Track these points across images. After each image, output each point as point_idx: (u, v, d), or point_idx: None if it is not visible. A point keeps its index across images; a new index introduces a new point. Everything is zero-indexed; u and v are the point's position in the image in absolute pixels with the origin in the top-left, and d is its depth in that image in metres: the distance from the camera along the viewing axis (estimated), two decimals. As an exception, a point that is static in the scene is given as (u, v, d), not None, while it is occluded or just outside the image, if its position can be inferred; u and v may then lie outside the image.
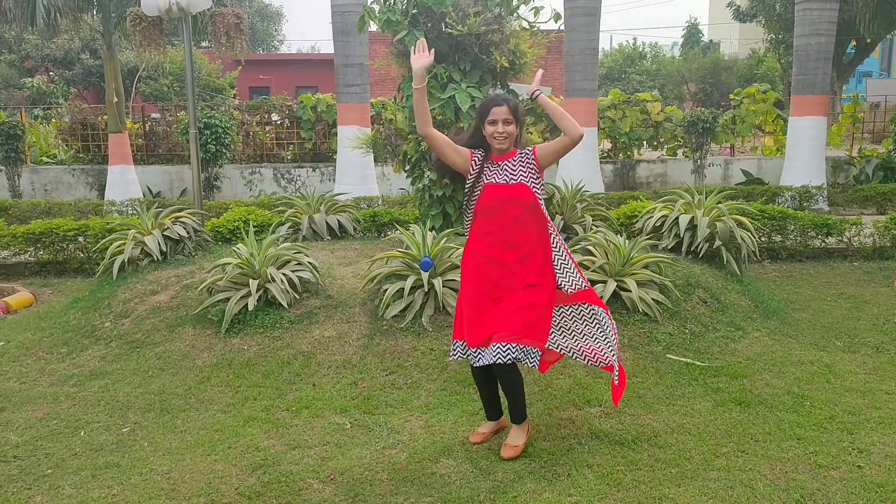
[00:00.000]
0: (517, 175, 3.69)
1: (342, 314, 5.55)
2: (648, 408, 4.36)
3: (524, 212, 3.69)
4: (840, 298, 6.98)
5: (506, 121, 3.64)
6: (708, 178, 14.75)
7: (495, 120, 3.64)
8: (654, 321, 5.37)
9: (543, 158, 3.71)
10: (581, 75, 10.92)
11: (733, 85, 25.30)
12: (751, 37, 32.33)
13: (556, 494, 3.44)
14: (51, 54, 27.42)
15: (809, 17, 11.87)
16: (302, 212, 7.83)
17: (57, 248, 8.58)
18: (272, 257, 5.84)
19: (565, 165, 10.99)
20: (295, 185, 15.09)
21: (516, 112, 3.67)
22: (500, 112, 3.64)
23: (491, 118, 3.65)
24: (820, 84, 12.04)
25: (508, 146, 3.71)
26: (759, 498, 3.38)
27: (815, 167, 12.06)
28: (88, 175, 15.23)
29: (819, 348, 5.46)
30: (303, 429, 4.21)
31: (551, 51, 10.73)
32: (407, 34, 6.34)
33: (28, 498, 3.56)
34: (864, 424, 4.11)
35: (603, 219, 7.25)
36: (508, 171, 3.71)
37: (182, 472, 3.75)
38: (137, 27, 11.71)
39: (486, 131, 3.69)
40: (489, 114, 3.66)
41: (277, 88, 28.66)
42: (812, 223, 8.54)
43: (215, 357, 5.26)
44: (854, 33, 18.37)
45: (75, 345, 5.80)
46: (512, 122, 3.66)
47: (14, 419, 4.50)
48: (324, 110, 15.67)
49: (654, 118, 15.61)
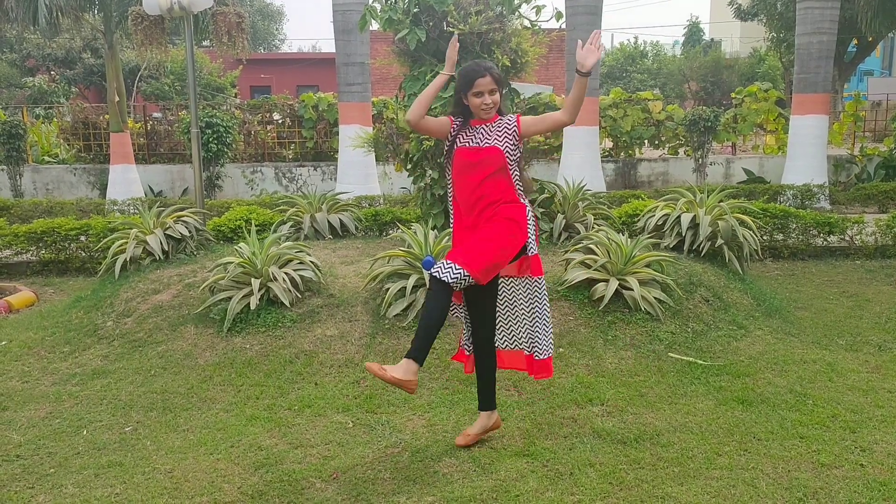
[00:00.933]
0: (492, 138, 3.63)
1: (344, 313, 5.55)
2: (651, 406, 4.36)
3: (492, 174, 3.61)
4: (842, 297, 6.98)
5: (491, 91, 3.60)
6: (709, 177, 14.74)
7: (481, 91, 3.59)
8: (656, 320, 5.37)
9: (527, 127, 3.65)
10: (582, 74, 10.90)
11: (734, 83, 25.31)
12: (752, 35, 32.29)
13: (559, 493, 3.44)
14: (52, 53, 27.44)
15: (811, 15, 11.86)
16: (304, 211, 7.83)
17: (59, 247, 8.58)
18: (274, 256, 5.84)
19: (567, 164, 11.00)
20: (296, 184, 15.09)
21: (499, 80, 3.64)
22: (484, 83, 3.58)
23: (476, 90, 3.59)
24: (821, 82, 12.03)
25: (493, 114, 3.69)
26: (762, 497, 3.38)
27: (816, 166, 12.05)
28: (90, 174, 15.23)
29: (821, 347, 5.46)
30: (305, 428, 4.21)
31: (553, 49, 10.69)
32: (408, 33, 6.34)
33: (31, 497, 3.56)
34: (867, 423, 4.11)
35: (605, 217, 7.25)
36: (482, 134, 3.66)
37: (185, 471, 3.75)
38: (139, 26, 11.73)
39: (470, 103, 3.64)
40: (473, 86, 3.59)
41: (279, 87, 28.65)
42: (814, 222, 8.53)
43: (217, 356, 5.26)
44: (855, 32, 18.36)
45: (77, 344, 5.80)
46: (496, 90, 3.62)
47: (16, 418, 4.50)
48: (325, 109, 15.66)
49: (656, 117, 15.60)
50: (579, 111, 3.63)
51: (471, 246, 3.58)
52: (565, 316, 5.38)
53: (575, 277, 5.54)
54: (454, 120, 3.75)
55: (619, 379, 4.75)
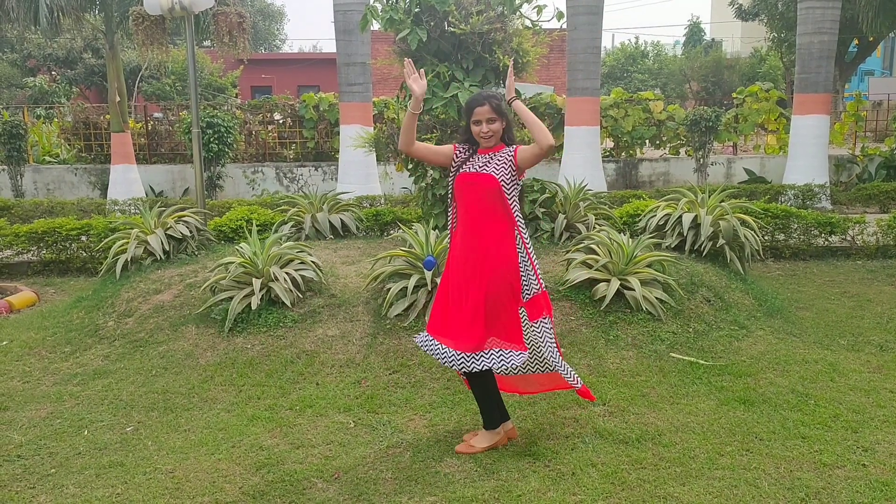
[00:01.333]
0: (490, 167, 3.73)
1: (345, 313, 5.54)
2: (652, 406, 4.35)
3: (485, 197, 3.70)
4: (844, 297, 6.97)
5: (489, 119, 3.71)
6: (710, 177, 14.73)
7: (479, 120, 3.72)
8: (657, 320, 5.37)
9: (522, 160, 3.74)
10: (583, 74, 10.90)
11: (735, 83, 25.28)
12: (753, 35, 32.30)
13: (561, 493, 3.44)
14: (53, 54, 27.44)
15: (812, 15, 11.85)
16: (305, 211, 7.83)
17: (60, 247, 8.58)
18: (275, 256, 5.84)
19: (568, 164, 10.99)
20: (297, 184, 15.09)
21: (499, 109, 3.73)
22: (482, 112, 3.71)
23: (475, 118, 3.73)
24: (822, 82, 12.02)
25: (495, 142, 3.78)
26: (764, 497, 3.37)
27: (817, 166, 12.04)
28: (91, 174, 15.23)
29: (823, 347, 5.45)
30: (306, 428, 4.21)
31: (554, 49, 10.70)
32: (409, 33, 6.33)
33: (32, 497, 3.56)
34: (869, 423, 4.10)
35: (606, 217, 7.24)
36: (483, 161, 3.77)
37: (186, 471, 3.75)
38: (140, 26, 11.71)
39: (472, 130, 3.77)
40: (473, 114, 3.74)
41: (279, 87, 28.65)
42: (815, 222, 8.52)
43: (219, 356, 5.26)
44: (856, 32, 18.35)
45: (79, 344, 5.80)
46: (496, 119, 3.72)
47: (17, 418, 4.50)
48: (326, 109, 15.66)
49: (657, 117, 15.59)
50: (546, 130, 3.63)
51: (477, 329, 3.68)
52: (566, 316, 5.37)
53: (576, 277, 5.54)
54: (457, 147, 3.87)
55: (621, 379, 4.74)
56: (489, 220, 3.71)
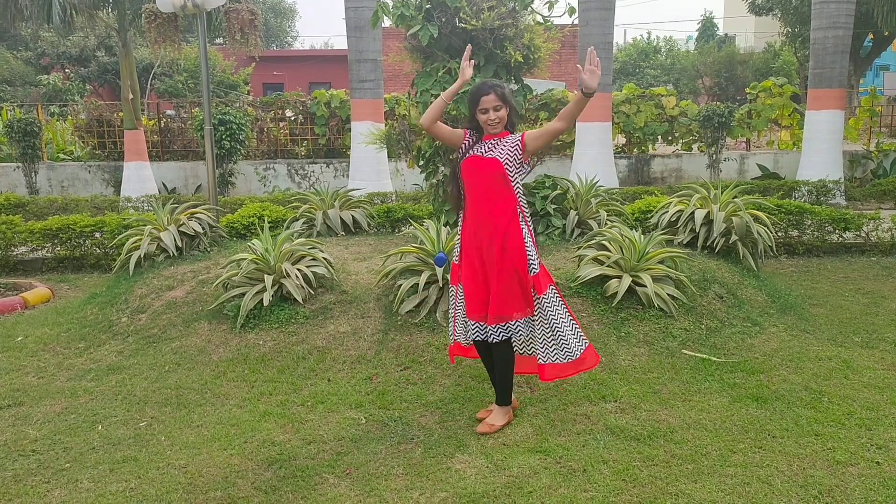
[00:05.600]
0: (495, 151, 3.87)
1: (357, 309, 5.56)
2: (664, 403, 4.34)
3: (489, 179, 3.85)
4: (858, 294, 6.92)
5: (496, 107, 3.84)
6: (723, 173, 14.65)
7: (486, 108, 3.85)
8: (669, 317, 5.35)
9: (531, 142, 3.88)
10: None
11: (749, 79, 25.12)
12: (767, 30, 32.08)
13: (572, 490, 3.44)
14: (66, 52, 27.64)
15: (826, 10, 11.75)
16: (316, 207, 7.85)
17: (74, 243, 8.64)
18: (287, 253, 5.86)
19: (580, 160, 10.96)
20: (309, 180, 15.12)
21: (504, 98, 3.86)
22: (488, 101, 3.84)
23: (481, 107, 3.86)
24: (837, 78, 11.91)
25: (501, 129, 3.92)
26: (777, 494, 3.36)
27: (832, 161, 11.94)
28: (104, 171, 15.33)
29: (837, 344, 5.42)
30: (318, 424, 4.22)
31: (565, 45, 10.66)
32: (420, 29, 6.33)
33: (47, 492, 3.59)
34: (883, 420, 4.07)
35: (618, 214, 7.22)
36: (488, 146, 3.90)
37: (199, 467, 3.77)
38: (152, 24, 11.78)
39: (479, 118, 3.89)
40: (479, 103, 3.86)
41: (291, 85, 28.73)
42: (829, 218, 8.46)
43: (231, 352, 5.29)
44: (871, 27, 18.17)
45: (92, 340, 5.84)
46: (501, 107, 3.85)
47: (33, 413, 4.54)
48: (337, 106, 15.68)
49: (669, 113, 15.50)
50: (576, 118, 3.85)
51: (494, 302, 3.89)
52: (578, 312, 5.36)
53: (588, 274, 5.52)
54: (468, 133, 4.00)
55: (633, 376, 4.73)
56: (493, 200, 3.86)
